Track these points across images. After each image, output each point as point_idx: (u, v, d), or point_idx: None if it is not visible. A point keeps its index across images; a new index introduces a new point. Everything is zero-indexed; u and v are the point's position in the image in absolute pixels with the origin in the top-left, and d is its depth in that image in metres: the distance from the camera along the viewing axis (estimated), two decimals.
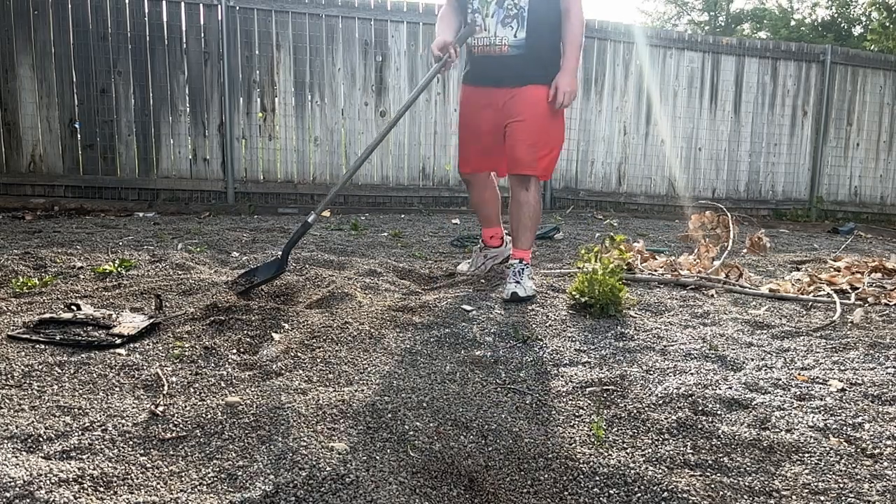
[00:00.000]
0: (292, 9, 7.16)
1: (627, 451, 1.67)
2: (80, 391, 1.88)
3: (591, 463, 1.57)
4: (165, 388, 1.92)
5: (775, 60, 8.94)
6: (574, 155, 8.37)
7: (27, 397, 1.82)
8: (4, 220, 5.44)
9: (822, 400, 2.03)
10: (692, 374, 2.24)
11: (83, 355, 2.13)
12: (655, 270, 3.94)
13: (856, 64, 9.26)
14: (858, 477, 1.57)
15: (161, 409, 1.77)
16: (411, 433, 1.69)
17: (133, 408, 1.78)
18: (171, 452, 1.57)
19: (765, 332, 2.85)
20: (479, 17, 3.17)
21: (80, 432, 1.62)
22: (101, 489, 1.40)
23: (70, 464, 1.47)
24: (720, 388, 2.09)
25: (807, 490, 1.51)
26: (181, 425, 1.68)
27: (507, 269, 3.29)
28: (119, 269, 3.38)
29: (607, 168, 8.54)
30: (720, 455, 1.66)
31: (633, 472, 1.54)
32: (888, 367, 2.38)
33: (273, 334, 2.45)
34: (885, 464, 1.64)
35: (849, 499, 1.47)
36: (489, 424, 1.76)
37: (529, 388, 2.07)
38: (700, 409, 1.93)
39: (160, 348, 2.25)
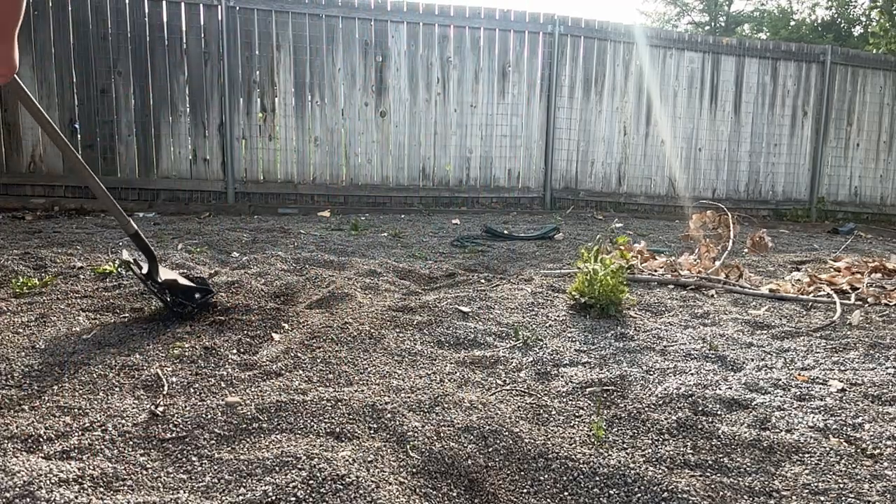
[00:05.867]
0: (292, 9, 7.16)
1: (627, 451, 1.67)
2: (80, 391, 1.88)
3: (591, 463, 1.57)
4: (165, 388, 1.92)
5: (775, 61, 8.94)
6: (574, 155, 8.37)
7: (27, 397, 1.82)
8: (4, 220, 5.44)
9: (822, 400, 2.03)
10: (692, 374, 2.23)
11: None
12: (656, 271, 3.94)
13: (856, 64, 9.26)
14: (858, 477, 1.57)
15: (161, 409, 1.77)
16: (411, 433, 1.69)
17: (133, 408, 1.78)
18: (171, 452, 1.57)
19: (765, 332, 2.85)
20: None
21: (80, 432, 1.62)
22: (101, 489, 1.40)
23: (70, 464, 1.47)
24: (720, 389, 2.09)
25: (807, 490, 1.51)
26: (181, 425, 1.68)
27: None
28: (119, 270, 3.38)
29: (607, 168, 8.54)
30: (720, 455, 1.66)
31: (633, 472, 1.54)
32: (888, 367, 2.38)
33: (273, 334, 2.45)
34: (885, 464, 1.64)
35: (849, 499, 1.47)
36: (489, 425, 1.76)
37: (529, 389, 2.07)
38: (700, 409, 1.93)
39: (160, 348, 2.25)
